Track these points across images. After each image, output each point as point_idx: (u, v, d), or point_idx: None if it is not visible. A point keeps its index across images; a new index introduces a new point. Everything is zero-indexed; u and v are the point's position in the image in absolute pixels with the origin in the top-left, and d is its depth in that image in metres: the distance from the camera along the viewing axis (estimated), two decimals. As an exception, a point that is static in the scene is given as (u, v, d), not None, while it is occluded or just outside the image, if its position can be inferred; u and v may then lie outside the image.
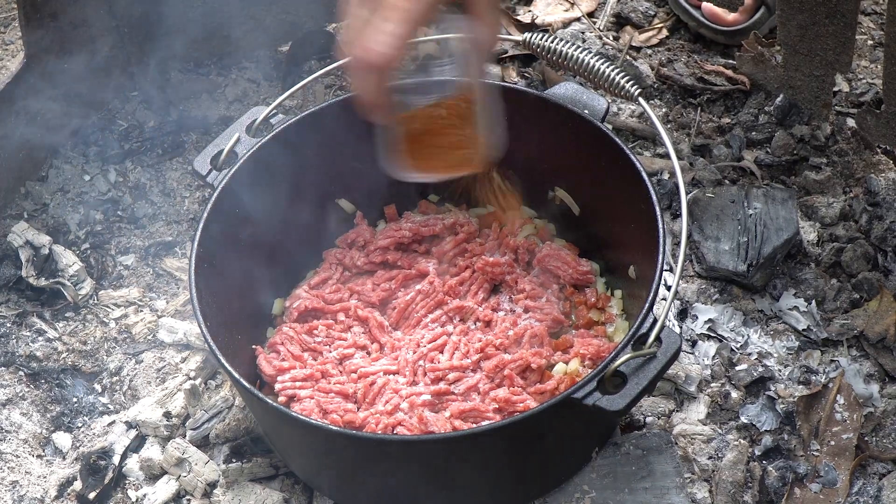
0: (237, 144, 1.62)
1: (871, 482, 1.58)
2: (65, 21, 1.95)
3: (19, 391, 1.73)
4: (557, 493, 1.54)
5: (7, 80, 1.88)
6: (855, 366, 1.70)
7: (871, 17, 2.30)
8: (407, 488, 1.49)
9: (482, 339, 1.59)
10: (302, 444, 1.50)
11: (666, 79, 2.15)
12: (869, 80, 2.15)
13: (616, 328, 1.64)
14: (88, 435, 1.69)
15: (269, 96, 2.14)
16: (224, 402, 1.66)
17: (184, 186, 2.03)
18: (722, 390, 1.67)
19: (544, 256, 1.69)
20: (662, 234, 1.46)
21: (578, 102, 1.62)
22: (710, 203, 1.87)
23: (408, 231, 1.74)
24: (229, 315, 1.58)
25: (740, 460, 1.59)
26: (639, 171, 1.52)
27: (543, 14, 2.30)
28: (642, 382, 1.32)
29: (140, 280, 1.89)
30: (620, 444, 1.57)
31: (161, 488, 1.61)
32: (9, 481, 1.63)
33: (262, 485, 1.59)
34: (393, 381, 1.56)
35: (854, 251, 1.82)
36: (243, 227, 1.62)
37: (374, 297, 1.68)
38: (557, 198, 1.75)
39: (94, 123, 2.10)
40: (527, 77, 2.17)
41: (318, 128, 1.67)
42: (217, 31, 2.12)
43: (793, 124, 2.03)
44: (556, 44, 1.62)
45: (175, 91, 2.14)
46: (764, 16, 2.18)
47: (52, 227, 1.95)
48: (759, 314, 1.77)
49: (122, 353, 1.79)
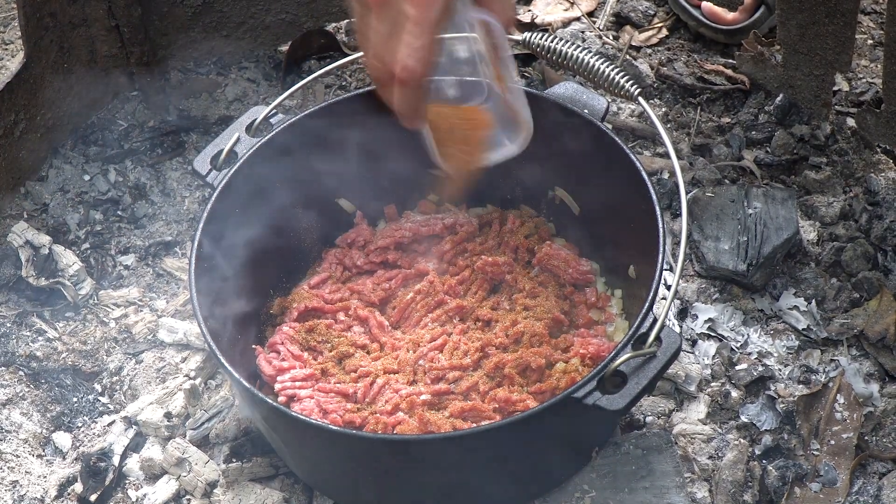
0: (237, 144, 1.62)
1: (871, 482, 1.58)
2: (65, 21, 1.96)
3: (19, 391, 1.73)
4: (557, 492, 1.54)
5: (7, 79, 1.88)
6: (855, 365, 1.70)
7: (871, 17, 2.30)
8: (407, 488, 1.49)
9: (482, 339, 1.59)
10: (302, 443, 1.50)
11: (666, 78, 2.15)
12: (869, 80, 2.15)
13: (616, 328, 1.64)
14: (88, 435, 1.69)
15: (269, 96, 2.14)
16: (224, 401, 1.66)
17: (184, 186, 2.03)
18: (722, 390, 1.67)
19: (544, 256, 1.69)
20: (662, 233, 1.46)
21: (578, 102, 1.62)
22: (710, 202, 1.87)
23: (408, 231, 1.74)
24: (229, 315, 1.58)
25: (740, 460, 1.59)
26: (639, 171, 1.52)
27: (543, 14, 2.30)
28: (642, 382, 1.31)
29: (140, 280, 1.89)
30: (620, 443, 1.57)
31: (161, 488, 1.61)
32: (9, 481, 1.63)
33: (262, 484, 1.59)
34: (393, 381, 1.56)
35: (854, 250, 1.82)
36: (243, 227, 1.62)
37: (374, 296, 1.68)
38: (557, 197, 1.75)
39: (94, 123, 2.10)
40: (527, 77, 2.17)
41: (318, 127, 1.67)
42: (217, 31, 2.12)
43: (793, 124, 2.03)
44: (556, 43, 1.61)
45: (175, 91, 2.14)
46: (764, 15, 2.18)
47: (52, 226, 1.95)
48: (759, 314, 1.77)
49: (122, 353, 1.79)
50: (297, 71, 2.18)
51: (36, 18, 1.89)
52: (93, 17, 2.00)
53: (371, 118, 1.71)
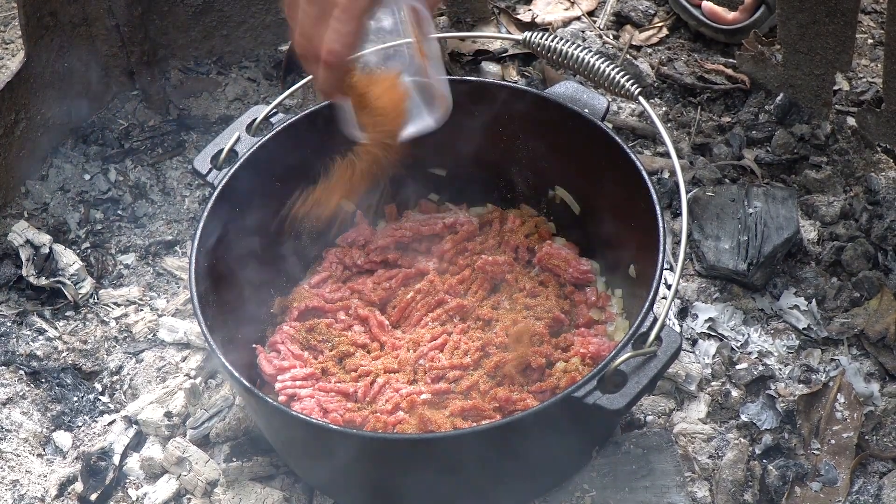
0: (237, 143, 1.62)
1: (872, 481, 1.58)
2: (65, 20, 1.96)
3: (20, 390, 1.73)
4: (558, 491, 1.54)
5: (7, 78, 1.88)
6: (855, 364, 1.70)
7: (872, 16, 2.30)
8: (407, 487, 1.49)
9: (482, 338, 1.59)
10: (302, 443, 1.50)
11: (666, 78, 2.15)
12: (869, 79, 2.15)
13: (616, 327, 1.64)
14: (89, 434, 1.69)
15: (270, 95, 2.14)
16: (224, 401, 1.66)
17: (184, 185, 2.03)
18: (722, 389, 1.67)
19: (544, 255, 1.69)
20: (663, 232, 1.46)
21: (579, 101, 1.62)
22: (711, 202, 1.87)
23: (408, 230, 1.74)
24: (229, 314, 1.58)
25: (740, 459, 1.59)
26: (639, 170, 1.52)
27: (543, 13, 2.30)
28: (642, 381, 1.31)
29: (140, 279, 1.89)
30: (621, 442, 1.57)
31: (161, 487, 1.61)
32: (9, 480, 1.63)
33: (263, 484, 1.59)
34: (393, 380, 1.56)
35: (854, 250, 1.82)
36: (243, 226, 1.62)
37: (375, 295, 1.68)
38: (557, 196, 1.75)
39: (94, 122, 2.10)
40: (527, 76, 2.17)
41: (318, 127, 1.67)
42: (217, 31, 2.12)
43: (793, 123, 2.03)
44: (557, 43, 1.61)
45: (175, 90, 2.14)
46: (764, 14, 2.18)
47: (53, 226, 1.95)
48: (759, 313, 1.77)
49: (122, 353, 1.79)
50: (297, 70, 2.18)
51: (36, 18, 1.89)
52: (93, 17, 2.00)
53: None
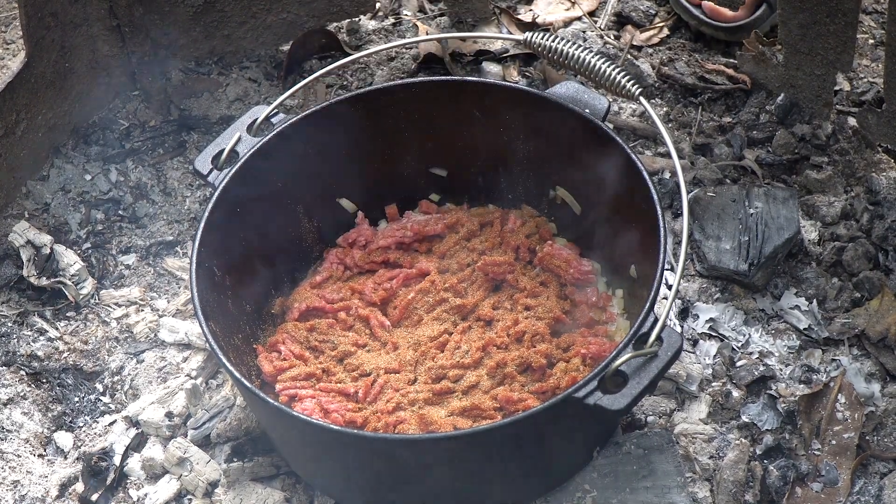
0: (238, 144, 1.63)
1: (873, 481, 1.58)
2: (66, 20, 1.96)
3: (20, 391, 1.73)
4: (559, 492, 1.54)
5: (9, 78, 1.88)
6: (856, 365, 1.70)
7: (872, 16, 2.29)
8: (407, 487, 1.49)
9: (483, 338, 1.59)
10: (303, 443, 1.50)
11: (667, 78, 2.15)
12: (870, 79, 2.15)
13: (617, 327, 1.64)
14: (90, 434, 1.69)
15: (270, 96, 2.14)
16: (225, 401, 1.66)
17: (185, 186, 2.03)
18: (723, 389, 1.67)
19: (545, 255, 1.69)
20: (663, 233, 1.46)
21: (579, 102, 1.62)
22: (712, 202, 1.87)
23: (409, 231, 1.74)
24: (230, 314, 1.58)
25: (741, 459, 1.59)
26: (640, 171, 1.52)
27: (544, 13, 2.30)
28: (643, 382, 1.32)
29: (141, 279, 1.89)
30: (622, 443, 1.57)
31: (162, 488, 1.61)
32: (10, 481, 1.63)
33: (264, 484, 1.59)
34: (394, 380, 1.57)
35: (855, 250, 1.82)
36: (244, 227, 1.62)
37: (376, 296, 1.68)
38: (558, 197, 1.75)
39: (95, 123, 2.10)
40: (528, 76, 2.17)
41: (319, 127, 1.67)
42: (218, 31, 2.12)
43: (794, 123, 2.03)
44: (558, 43, 1.62)
45: (176, 90, 2.14)
46: (765, 13, 2.18)
47: (54, 226, 1.95)
48: (760, 313, 1.77)
49: (123, 353, 1.79)
50: (298, 70, 2.18)
51: (37, 18, 1.89)
52: (94, 17, 2.00)
53: (372, 118, 1.72)
